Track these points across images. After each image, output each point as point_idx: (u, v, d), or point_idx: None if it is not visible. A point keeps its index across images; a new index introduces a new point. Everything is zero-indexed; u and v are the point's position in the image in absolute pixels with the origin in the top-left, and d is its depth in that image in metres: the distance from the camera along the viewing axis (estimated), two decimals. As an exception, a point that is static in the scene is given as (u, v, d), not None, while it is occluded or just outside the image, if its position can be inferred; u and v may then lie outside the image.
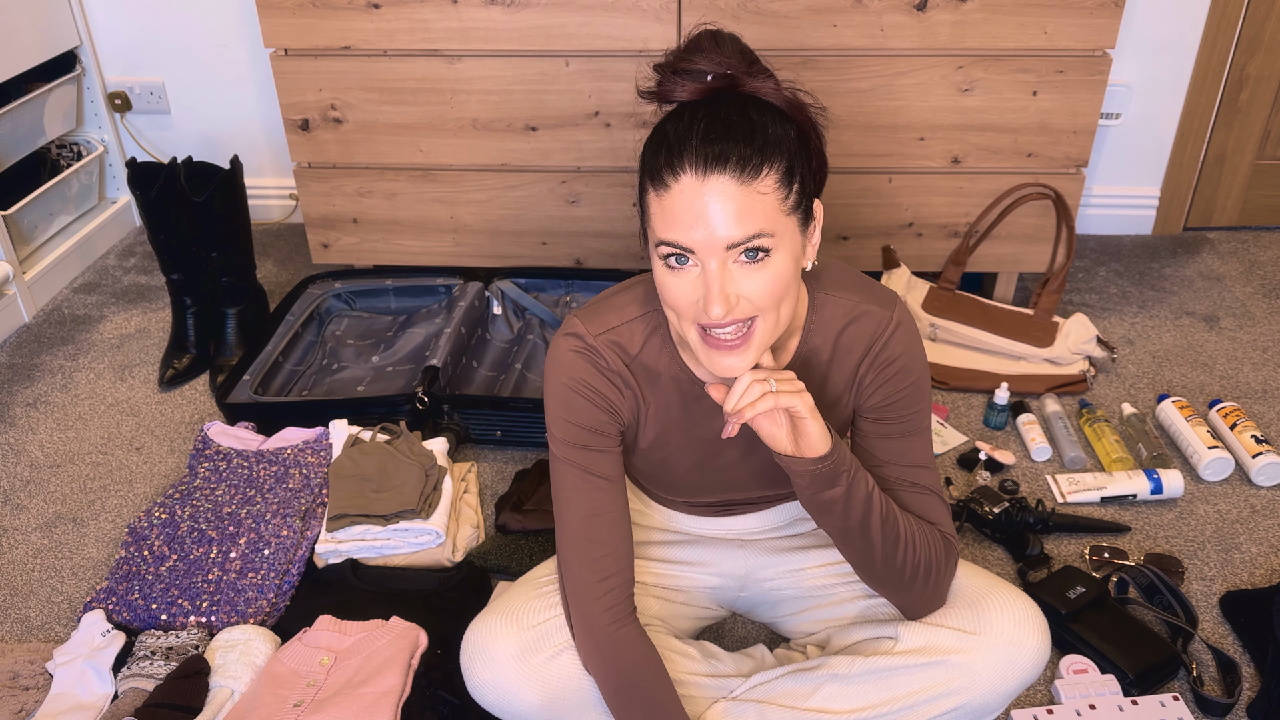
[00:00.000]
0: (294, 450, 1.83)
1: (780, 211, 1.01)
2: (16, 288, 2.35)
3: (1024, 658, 1.17)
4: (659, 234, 1.01)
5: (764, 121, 1.00)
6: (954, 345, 2.14)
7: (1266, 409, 2.00)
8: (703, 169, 0.97)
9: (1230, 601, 1.56)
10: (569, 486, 1.18)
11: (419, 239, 2.31)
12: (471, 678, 1.20)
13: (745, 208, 0.98)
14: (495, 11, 2.03)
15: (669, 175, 0.99)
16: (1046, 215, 2.18)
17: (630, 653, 1.17)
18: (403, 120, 2.16)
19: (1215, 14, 2.36)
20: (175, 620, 1.53)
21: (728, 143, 0.97)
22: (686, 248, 0.99)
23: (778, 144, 1.00)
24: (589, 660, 1.19)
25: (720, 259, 0.99)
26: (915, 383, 1.18)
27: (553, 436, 1.19)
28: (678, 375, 1.19)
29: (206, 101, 2.68)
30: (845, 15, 1.99)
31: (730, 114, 1.00)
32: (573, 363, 1.16)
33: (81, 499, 1.85)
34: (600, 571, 1.17)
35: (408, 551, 1.63)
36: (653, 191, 1.01)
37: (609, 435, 1.19)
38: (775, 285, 1.02)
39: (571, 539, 1.18)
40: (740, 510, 1.37)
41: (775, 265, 1.01)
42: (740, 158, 0.97)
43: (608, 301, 1.19)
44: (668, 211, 0.99)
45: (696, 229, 0.98)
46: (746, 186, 0.98)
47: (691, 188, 0.98)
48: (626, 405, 1.20)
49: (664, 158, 0.99)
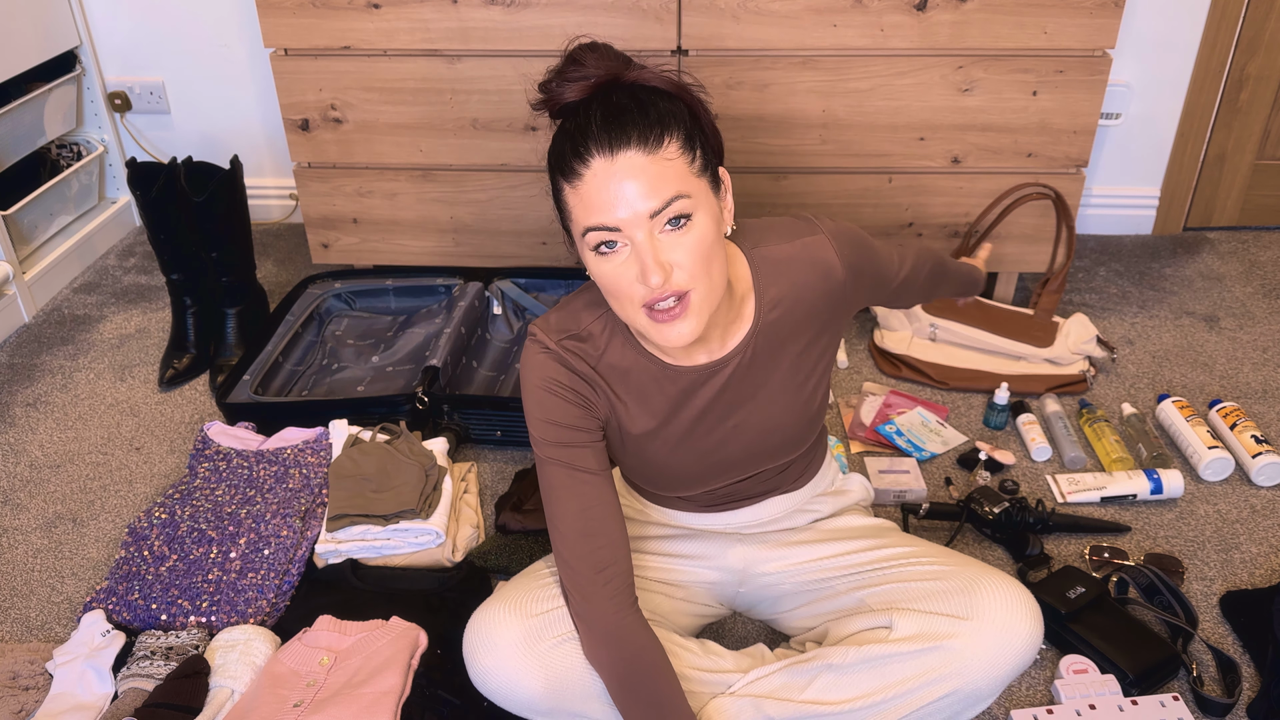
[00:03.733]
0: (294, 450, 1.83)
1: (690, 174, 1.06)
2: (16, 288, 2.35)
3: (1016, 643, 1.19)
4: (583, 222, 1.05)
5: (653, 99, 1.06)
6: (954, 345, 2.14)
7: (1266, 409, 2.00)
8: (609, 149, 1.02)
9: (1230, 601, 1.56)
10: (557, 485, 1.20)
11: (419, 239, 2.31)
12: (474, 665, 1.21)
13: (657, 175, 1.03)
14: (495, 11, 2.03)
15: (578, 164, 1.03)
16: (1046, 215, 2.18)
17: (635, 641, 1.18)
18: (403, 120, 2.16)
19: (1215, 14, 2.36)
20: (175, 620, 1.53)
21: (626, 122, 1.03)
22: (612, 227, 1.03)
23: (672, 116, 1.06)
24: (594, 654, 1.19)
25: (646, 229, 1.04)
26: (874, 253, 1.27)
27: (535, 440, 1.21)
28: (647, 365, 1.21)
29: (206, 101, 2.68)
30: (845, 15, 1.99)
31: (622, 99, 1.05)
32: (543, 364, 1.20)
33: (81, 499, 1.85)
34: (598, 564, 1.18)
35: (408, 551, 1.63)
36: (567, 186, 1.06)
37: (589, 430, 1.21)
38: (701, 248, 1.06)
39: (566, 536, 1.19)
40: (736, 504, 1.37)
41: (698, 228, 1.06)
42: (640, 131, 1.03)
43: (563, 310, 1.23)
44: (586, 198, 1.04)
45: (618, 207, 1.03)
46: (653, 155, 1.03)
47: (604, 169, 1.03)
48: (601, 402, 1.22)
49: (569, 149, 1.04)
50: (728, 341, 1.21)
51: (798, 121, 2.10)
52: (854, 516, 1.43)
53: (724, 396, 1.23)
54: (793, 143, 2.11)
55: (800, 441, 1.32)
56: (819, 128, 2.10)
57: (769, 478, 1.35)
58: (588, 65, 1.07)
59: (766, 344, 1.22)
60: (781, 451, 1.31)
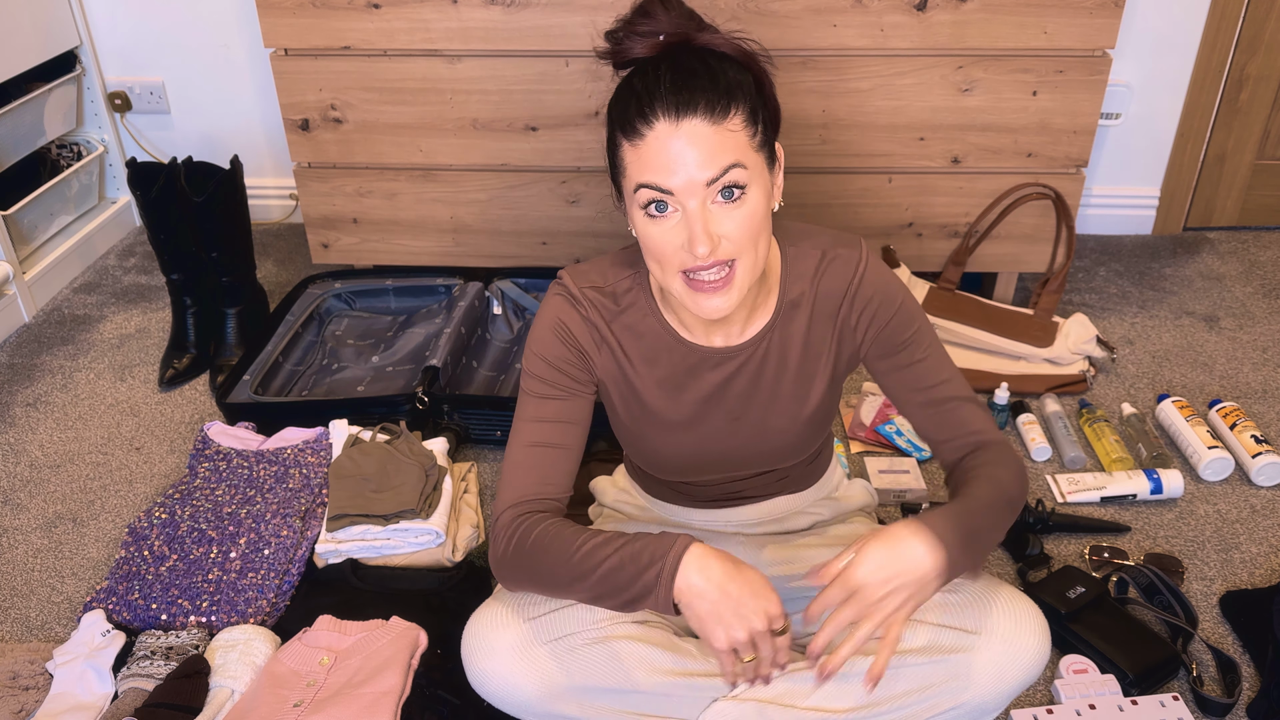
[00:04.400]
0: (294, 450, 1.83)
1: (750, 147, 1.05)
2: (16, 288, 2.35)
3: (1024, 658, 1.18)
4: (637, 178, 1.05)
5: (724, 68, 1.05)
6: (954, 345, 2.14)
7: (1266, 409, 2.00)
8: (674, 114, 1.02)
9: (1230, 601, 1.56)
10: (525, 414, 1.23)
11: (419, 239, 2.31)
12: (472, 667, 1.21)
13: (718, 145, 1.02)
14: (495, 11, 2.03)
15: (642, 124, 1.03)
16: (1046, 215, 2.18)
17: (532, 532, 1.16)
18: (403, 120, 2.16)
19: (1215, 14, 2.36)
20: (175, 620, 1.53)
21: (695, 88, 1.02)
22: (666, 189, 1.03)
23: (739, 87, 1.05)
24: (495, 567, 1.19)
25: (700, 198, 1.04)
26: (900, 307, 1.21)
27: (524, 371, 1.24)
28: (663, 334, 1.22)
29: (206, 101, 2.68)
30: (845, 15, 1.99)
31: (692, 63, 1.05)
32: (559, 306, 1.22)
33: (81, 499, 1.85)
34: (528, 491, 1.19)
35: (408, 551, 1.63)
36: (626, 142, 1.05)
37: (578, 381, 1.22)
38: (751, 222, 1.06)
39: (514, 461, 1.21)
40: (739, 501, 1.37)
41: (750, 202, 1.06)
42: (708, 100, 1.02)
43: (594, 263, 1.25)
44: (644, 158, 1.04)
45: (676, 172, 1.02)
46: (717, 126, 1.02)
47: (666, 132, 1.02)
48: (601, 361, 1.23)
49: (635, 108, 1.04)
50: (746, 330, 1.21)
51: (798, 122, 2.10)
52: (860, 524, 1.42)
53: (729, 386, 1.23)
54: (793, 143, 2.11)
55: (799, 450, 1.31)
56: (819, 128, 2.10)
57: (770, 483, 1.35)
58: (658, 19, 1.06)
59: (779, 342, 1.22)
60: (779, 456, 1.31)
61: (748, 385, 1.24)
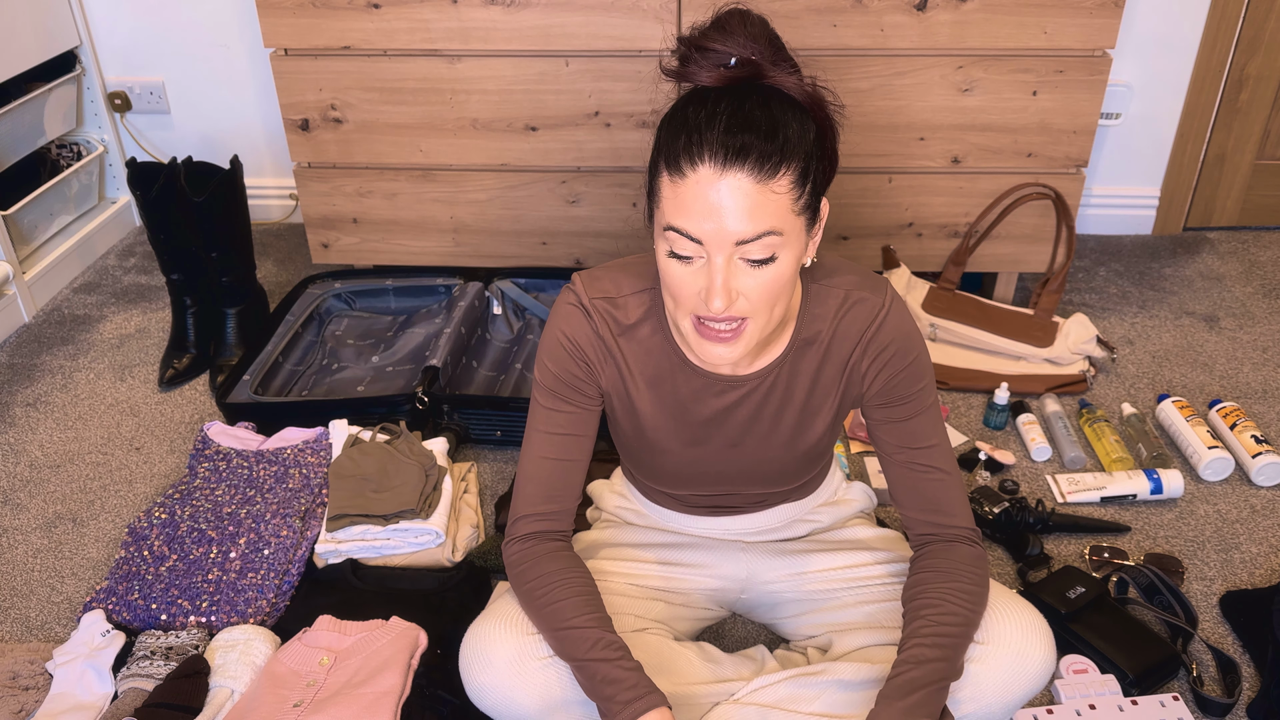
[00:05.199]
0: (294, 450, 1.83)
1: (791, 212, 1.01)
2: (16, 288, 2.35)
3: (1030, 668, 1.17)
4: (669, 218, 1.02)
5: (786, 119, 1.00)
6: (954, 345, 2.14)
7: (1266, 409, 2.00)
8: (721, 162, 0.97)
9: (1230, 601, 1.56)
10: (534, 425, 1.24)
11: (419, 239, 2.31)
12: (470, 681, 1.20)
13: (759, 205, 0.98)
14: (495, 11, 2.03)
15: (686, 163, 0.99)
16: (1046, 215, 2.18)
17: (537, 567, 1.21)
18: (403, 120, 2.16)
19: (1215, 14, 2.36)
20: (175, 620, 1.53)
21: (749, 138, 0.97)
22: (695, 238, 1.00)
23: (797, 143, 1.00)
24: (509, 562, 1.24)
25: (727, 254, 1.00)
26: (913, 362, 1.19)
27: (535, 379, 1.24)
28: (670, 354, 1.20)
29: (206, 101, 2.68)
30: (845, 15, 1.99)
31: (754, 108, 1.00)
32: (568, 315, 1.20)
33: (81, 499, 1.85)
34: (538, 505, 1.24)
35: (408, 551, 1.63)
36: (667, 175, 1.01)
37: (583, 394, 1.22)
38: (774, 285, 1.03)
39: (526, 473, 1.24)
40: (738, 510, 1.37)
41: (779, 266, 1.02)
42: (760, 155, 0.97)
43: (609, 270, 1.22)
44: (681, 199, 1.00)
45: (708, 221, 0.99)
46: (763, 185, 0.98)
47: (708, 179, 0.98)
48: (606, 374, 1.22)
49: (683, 143, 0.99)
50: (756, 362, 1.19)
51: (798, 121, 2.10)
52: (860, 528, 1.41)
53: (731, 414, 1.22)
54: (793, 143, 2.11)
55: (794, 477, 1.31)
56: (819, 128, 2.10)
57: (768, 495, 1.35)
58: (733, 40, 1.00)
59: (787, 378, 1.20)
60: (773, 482, 1.31)
61: (750, 415, 1.23)
